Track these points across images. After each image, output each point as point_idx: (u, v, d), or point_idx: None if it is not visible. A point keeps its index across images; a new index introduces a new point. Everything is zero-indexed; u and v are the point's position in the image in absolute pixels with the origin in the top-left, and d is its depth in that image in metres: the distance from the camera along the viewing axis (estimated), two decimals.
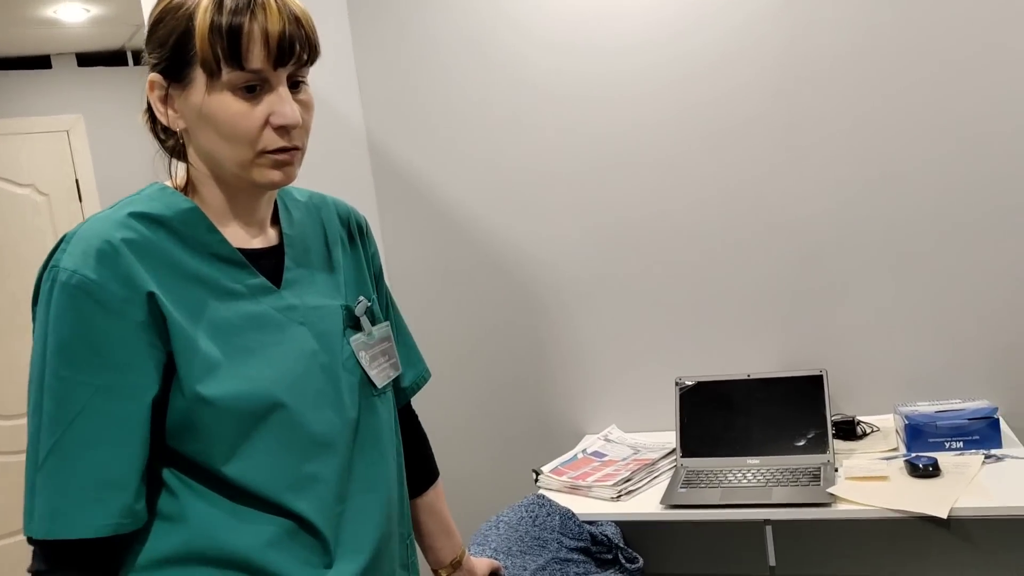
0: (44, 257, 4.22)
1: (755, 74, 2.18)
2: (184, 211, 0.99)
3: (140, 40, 4.13)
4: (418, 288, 2.56)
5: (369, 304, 1.15)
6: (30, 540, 0.91)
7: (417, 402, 2.52)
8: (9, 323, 4.09)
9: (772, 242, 2.22)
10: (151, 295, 0.92)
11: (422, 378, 1.29)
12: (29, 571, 0.92)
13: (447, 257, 2.52)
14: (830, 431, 1.97)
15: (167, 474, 0.97)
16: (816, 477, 1.85)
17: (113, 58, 4.33)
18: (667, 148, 2.28)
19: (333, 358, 1.06)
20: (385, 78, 2.52)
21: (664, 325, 2.33)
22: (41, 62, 4.19)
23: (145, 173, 4.33)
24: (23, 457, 4.12)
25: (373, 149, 2.56)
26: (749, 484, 1.86)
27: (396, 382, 1.21)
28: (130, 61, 4.37)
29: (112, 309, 0.91)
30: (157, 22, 0.97)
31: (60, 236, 1.17)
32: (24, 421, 4.13)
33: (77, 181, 4.24)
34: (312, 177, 2.18)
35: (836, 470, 1.89)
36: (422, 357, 1.30)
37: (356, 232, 1.20)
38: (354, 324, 1.11)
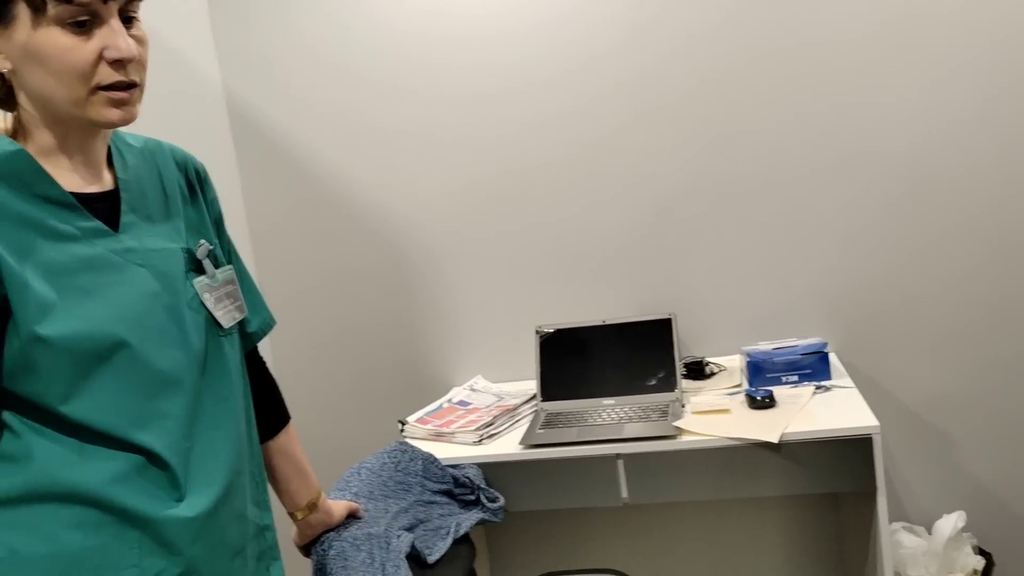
0: None
1: (605, 35, 2.25)
2: (10, 154, 0.97)
3: None
4: (282, 242, 2.54)
5: (211, 248, 1.15)
6: None
7: (284, 354, 2.52)
8: None
9: (626, 196, 2.31)
10: None
11: (267, 324, 1.30)
12: None
13: (310, 213, 2.50)
14: (679, 370, 2.09)
15: (8, 416, 0.96)
16: (665, 413, 1.96)
17: None
18: (524, 107, 2.33)
19: (176, 298, 1.07)
20: (242, 30, 2.46)
21: (526, 277, 2.40)
22: None
23: None
24: None
25: (232, 105, 2.50)
26: (603, 422, 1.96)
27: (241, 327, 1.22)
28: None
29: None
30: None
31: None
32: None
33: None
34: (165, 132, 2.12)
35: (684, 406, 2.01)
36: (267, 305, 1.31)
37: (194, 178, 1.20)
38: (196, 267, 1.12)
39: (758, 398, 1.94)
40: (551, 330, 2.20)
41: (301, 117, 2.46)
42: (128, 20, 0.98)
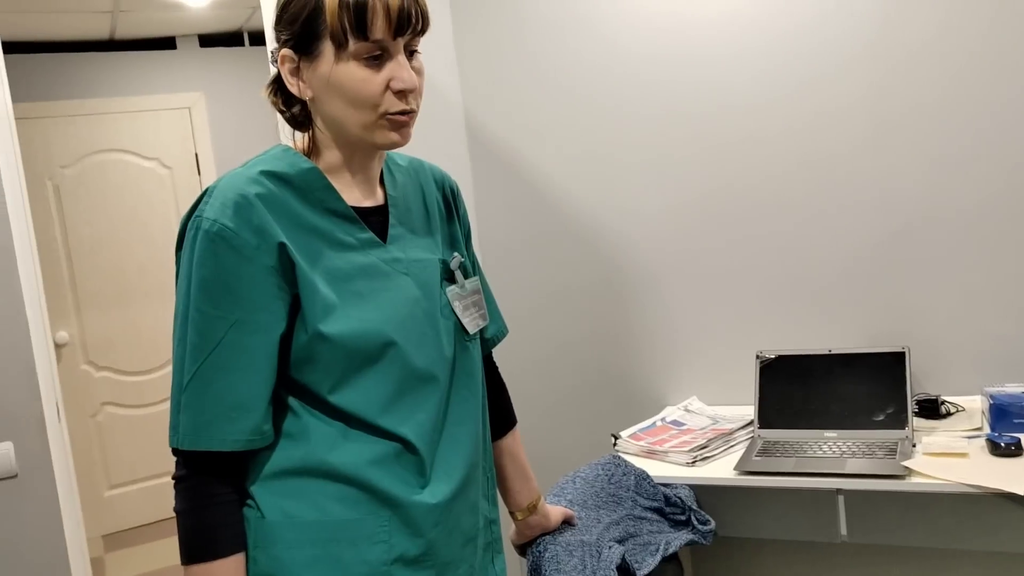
0: (168, 226, 4.55)
1: (844, 50, 2.18)
2: (305, 170, 1.12)
3: (256, 22, 4.37)
4: (509, 255, 2.67)
5: (463, 260, 1.27)
6: (175, 451, 1.07)
7: (509, 363, 2.65)
8: (135, 289, 4.42)
9: (859, 217, 2.22)
10: (281, 244, 1.06)
11: (502, 332, 1.40)
12: (173, 477, 1.08)
13: (536, 228, 2.61)
14: (910, 407, 1.97)
15: (291, 400, 1.11)
16: (892, 451, 1.86)
17: (231, 39, 4.60)
18: (752, 122, 2.30)
19: (432, 305, 1.19)
20: (483, 55, 2.62)
21: (747, 299, 2.36)
22: (166, 43, 4.48)
23: (257, 147, 4.59)
24: (148, 410, 4.47)
25: (469, 123, 2.67)
26: (824, 455, 1.90)
27: (480, 333, 1.32)
28: (246, 42, 4.63)
29: (245, 255, 1.05)
30: (287, 2, 1.10)
31: (194, 198, 1.30)
32: (149, 377, 4.47)
33: (197, 155, 4.54)
34: (412, 146, 2.31)
35: (914, 446, 1.90)
36: (501, 315, 1.41)
37: (450, 195, 1.32)
38: (449, 277, 1.23)
39: (1002, 444, 1.79)
40: (772, 356, 2.15)
41: (531, 137, 2.58)
42: (410, 53, 1.11)
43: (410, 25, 1.07)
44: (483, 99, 2.64)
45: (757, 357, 2.17)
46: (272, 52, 1.16)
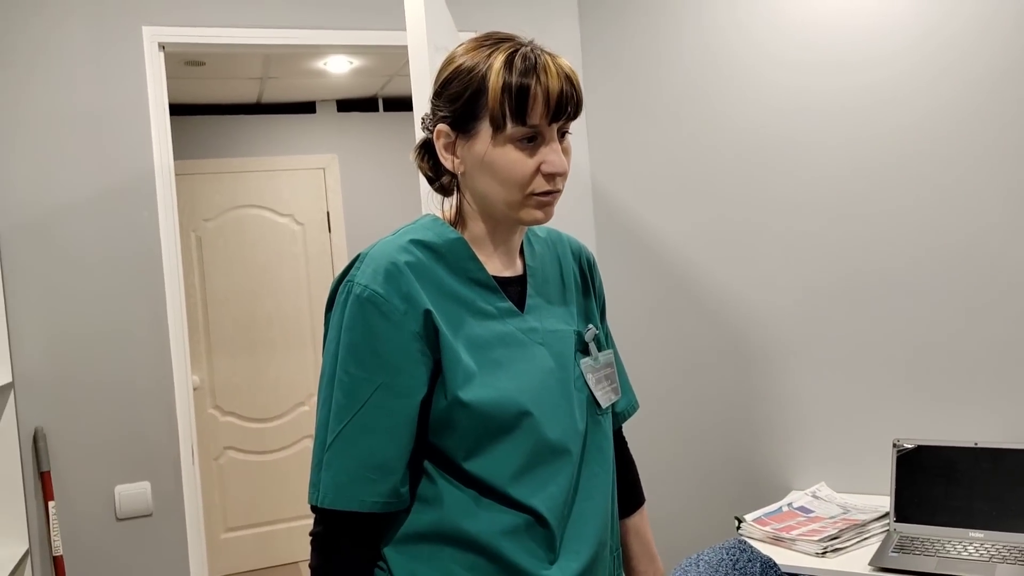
0: (297, 280, 4.73)
1: (989, 123, 2.09)
2: (452, 240, 1.15)
3: (392, 88, 4.57)
4: (632, 326, 2.65)
5: (597, 332, 1.26)
6: (314, 508, 1.10)
7: (630, 436, 2.60)
8: (263, 338, 4.62)
9: (1007, 301, 2.09)
10: (427, 312, 1.09)
11: (632, 407, 1.38)
12: (311, 533, 1.11)
13: (662, 298, 2.59)
14: None
15: (427, 464, 1.13)
16: None
17: (367, 104, 4.82)
18: (891, 198, 2.22)
19: (566, 376, 1.18)
20: (610, 125, 2.65)
21: (883, 383, 2.26)
22: (307, 107, 4.74)
23: (385, 206, 4.76)
24: (267, 457, 4.61)
25: (596, 192, 2.70)
26: (969, 557, 1.77)
27: (611, 407, 1.30)
28: (380, 107, 4.84)
29: (394, 320, 1.08)
30: (448, 81, 1.13)
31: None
32: (270, 424, 4.63)
33: (328, 213, 4.74)
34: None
35: None
36: (632, 389, 1.39)
37: (587, 267, 1.32)
38: (583, 349, 1.23)
39: None
40: (912, 446, 2.04)
41: (658, 204, 2.57)
42: (562, 135, 1.13)
43: (566, 111, 1.09)
44: (611, 165, 2.66)
45: (894, 445, 2.06)
46: (424, 120, 1.20)
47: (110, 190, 2.43)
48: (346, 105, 4.80)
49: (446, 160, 1.16)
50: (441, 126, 1.15)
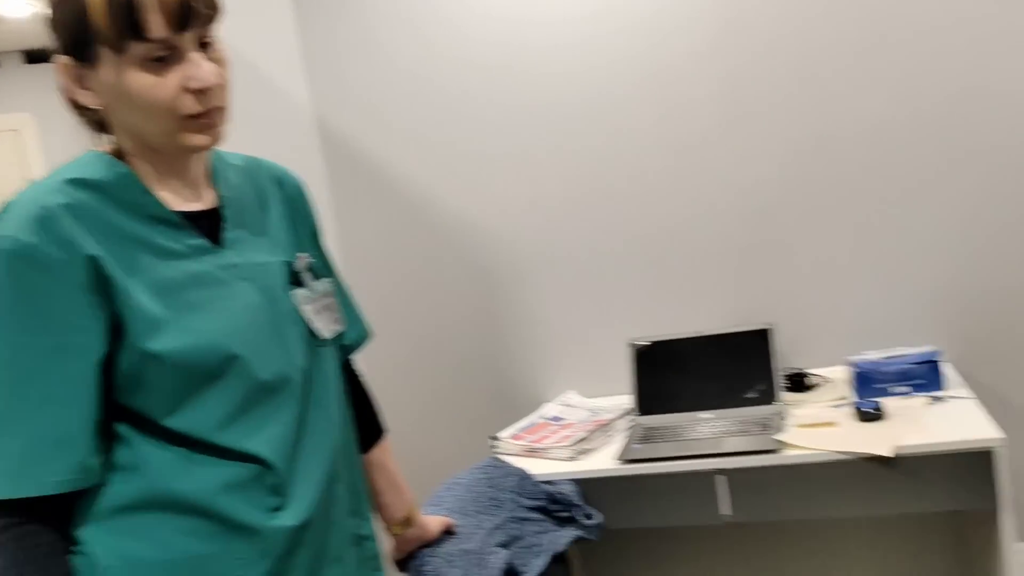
0: None
1: (698, 39, 2.21)
2: (120, 175, 1.00)
3: None
4: (375, 264, 2.57)
5: (310, 260, 1.17)
6: None
7: (379, 374, 2.54)
8: None
9: (720, 202, 2.25)
10: (91, 258, 0.93)
11: (363, 336, 1.30)
12: None
13: (401, 233, 2.53)
14: (778, 383, 2.01)
15: (122, 428, 0.99)
16: (766, 427, 1.88)
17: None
18: (611, 114, 2.30)
19: (278, 311, 1.08)
20: (331, 52, 2.52)
21: (617, 290, 2.36)
22: None
23: None
24: None
25: (324, 131, 2.56)
26: (702, 436, 1.90)
27: (339, 338, 1.22)
28: None
29: (53, 272, 0.92)
30: (55, 4, 0.96)
31: None
32: None
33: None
34: (259, 151, 2.18)
35: (785, 420, 1.93)
36: (361, 318, 1.32)
37: (294, 192, 1.22)
38: (295, 280, 1.13)
39: (866, 410, 1.84)
40: (646, 343, 2.15)
41: (388, 134, 2.49)
42: (204, 45, 0.99)
43: (193, 16, 0.95)
44: (334, 97, 2.53)
45: (630, 345, 2.16)
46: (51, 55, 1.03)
47: None
48: (37, 56, 4.23)
49: (82, 96, 0.99)
50: (62, 58, 0.98)
